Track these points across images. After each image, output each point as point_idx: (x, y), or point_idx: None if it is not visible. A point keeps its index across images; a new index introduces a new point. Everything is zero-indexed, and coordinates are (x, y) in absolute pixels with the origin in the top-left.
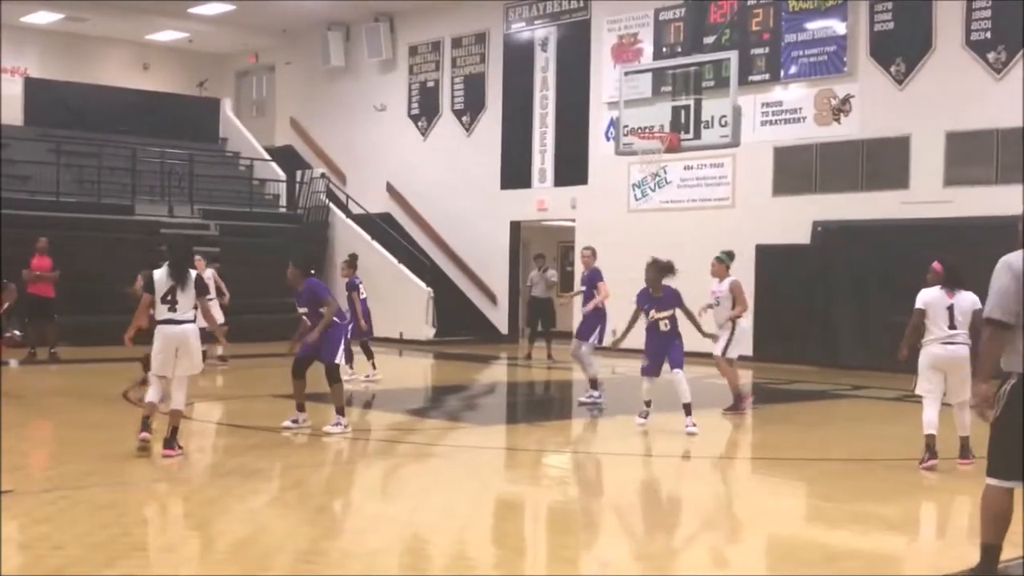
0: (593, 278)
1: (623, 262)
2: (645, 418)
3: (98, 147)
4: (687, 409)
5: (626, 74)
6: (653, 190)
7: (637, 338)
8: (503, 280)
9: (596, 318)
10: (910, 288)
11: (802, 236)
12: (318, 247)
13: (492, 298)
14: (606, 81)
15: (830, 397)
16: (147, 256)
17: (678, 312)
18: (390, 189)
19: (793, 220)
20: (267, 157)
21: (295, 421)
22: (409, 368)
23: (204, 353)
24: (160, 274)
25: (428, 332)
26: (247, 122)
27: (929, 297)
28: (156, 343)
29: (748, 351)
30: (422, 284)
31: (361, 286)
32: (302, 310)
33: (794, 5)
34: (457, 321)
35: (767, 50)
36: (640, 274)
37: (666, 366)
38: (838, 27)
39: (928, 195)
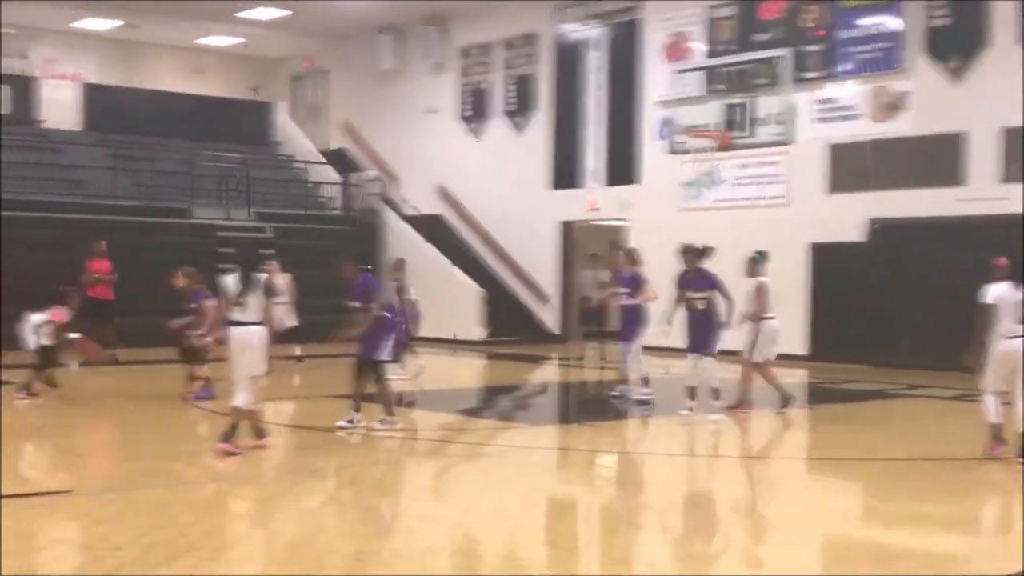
0: (637, 279)
1: (676, 261)
2: (690, 410)
3: (154, 151)
4: (715, 394)
5: (678, 73)
6: (706, 189)
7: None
8: (554, 280)
9: (638, 319)
10: (966, 285)
11: (858, 234)
12: (371, 248)
13: (543, 298)
14: (657, 80)
15: (886, 396)
16: (204, 258)
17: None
18: (442, 191)
19: (848, 218)
20: (321, 160)
21: (350, 421)
22: (461, 368)
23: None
24: (231, 277)
25: (480, 332)
26: (301, 125)
27: (999, 292)
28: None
29: (800, 350)
30: (474, 285)
31: (411, 289)
32: (355, 304)
33: (847, 2)
34: (509, 321)
35: (821, 47)
36: None
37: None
38: (892, 23)
39: (985, 192)
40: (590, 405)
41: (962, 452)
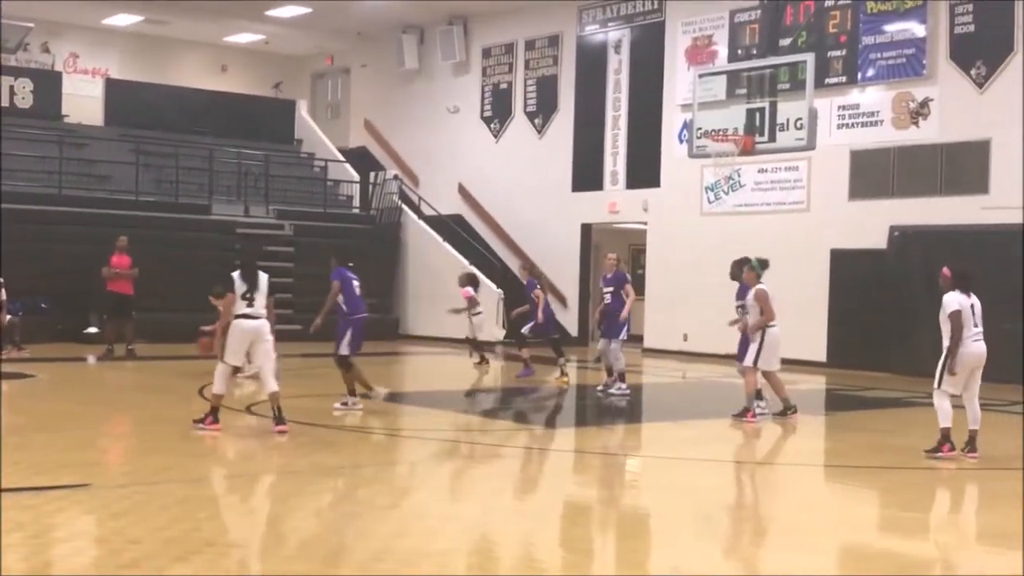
0: (621, 280)
1: (695, 265)
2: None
3: (176, 147)
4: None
5: (700, 76)
6: (726, 193)
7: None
8: (573, 282)
9: (617, 317)
10: (989, 294)
11: (879, 241)
12: (390, 248)
13: (562, 300)
14: (680, 83)
15: (907, 405)
16: (223, 255)
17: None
18: (462, 191)
19: (870, 225)
20: (341, 158)
21: (344, 404)
22: (479, 369)
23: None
24: (237, 273)
25: (498, 334)
26: (322, 124)
27: (961, 299)
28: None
29: (819, 356)
30: (492, 286)
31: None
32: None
33: (872, 7)
34: (527, 323)
35: (844, 52)
36: (713, 276)
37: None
38: (917, 29)
39: (1008, 200)
40: (607, 408)
41: (986, 463)
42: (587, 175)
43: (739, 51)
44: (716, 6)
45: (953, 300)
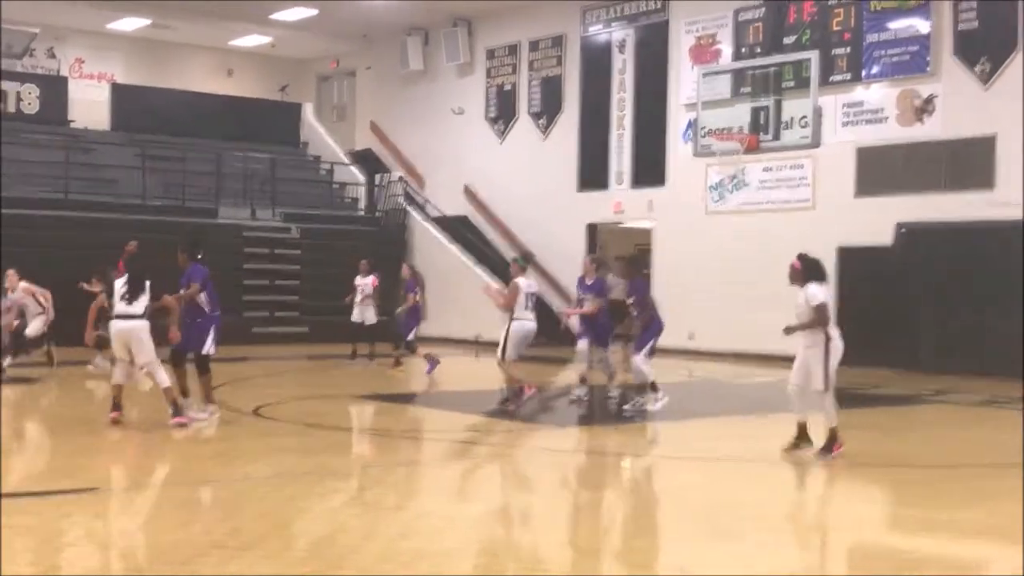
0: (598, 288)
1: (701, 264)
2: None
3: (183, 151)
4: (652, 386)
5: (704, 75)
6: (732, 192)
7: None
8: None
9: (608, 323)
10: (994, 290)
11: (885, 238)
12: (396, 249)
13: (568, 300)
14: (684, 82)
15: (912, 402)
16: (232, 259)
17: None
18: (467, 192)
19: (876, 221)
20: (347, 161)
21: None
22: (485, 370)
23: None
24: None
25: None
26: (327, 126)
27: (825, 290)
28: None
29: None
30: (498, 286)
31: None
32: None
33: (876, 4)
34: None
35: (848, 50)
36: (719, 275)
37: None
38: (921, 26)
39: (1014, 196)
40: (613, 408)
41: (988, 458)
42: (592, 175)
43: (743, 50)
44: (720, 5)
45: (819, 291)
